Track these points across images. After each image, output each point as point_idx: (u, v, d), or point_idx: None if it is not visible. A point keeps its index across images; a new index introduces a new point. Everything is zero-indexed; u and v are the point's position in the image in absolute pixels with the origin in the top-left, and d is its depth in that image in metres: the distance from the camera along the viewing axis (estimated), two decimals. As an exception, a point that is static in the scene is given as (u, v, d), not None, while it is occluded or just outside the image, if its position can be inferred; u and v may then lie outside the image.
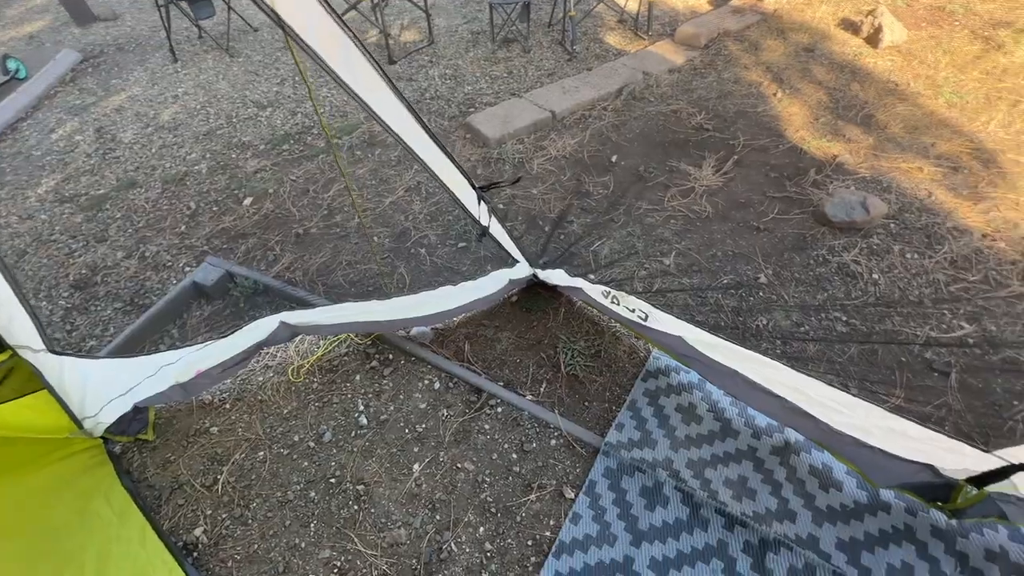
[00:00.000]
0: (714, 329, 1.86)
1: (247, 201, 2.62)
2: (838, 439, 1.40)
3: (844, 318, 1.86)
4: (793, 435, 1.55)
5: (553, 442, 1.63)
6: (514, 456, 1.60)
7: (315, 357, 1.88)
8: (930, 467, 1.31)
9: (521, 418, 1.69)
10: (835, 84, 3.06)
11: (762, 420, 1.59)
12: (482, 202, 1.53)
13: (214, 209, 2.59)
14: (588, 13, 4.17)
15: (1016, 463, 1.14)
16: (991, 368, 1.67)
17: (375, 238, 2.34)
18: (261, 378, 1.85)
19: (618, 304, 1.69)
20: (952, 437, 1.24)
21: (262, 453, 1.64)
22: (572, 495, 1.50)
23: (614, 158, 2.73)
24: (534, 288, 2.04)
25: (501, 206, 2.50)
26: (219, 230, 2.46)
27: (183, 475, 1.61)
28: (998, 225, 2.11)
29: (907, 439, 1.30)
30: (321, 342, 1.94)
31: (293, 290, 2.08)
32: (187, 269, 2.27)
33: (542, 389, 1.77)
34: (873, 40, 3.30)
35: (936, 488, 1.33)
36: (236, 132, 3.17)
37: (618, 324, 1.90)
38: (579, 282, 1.80)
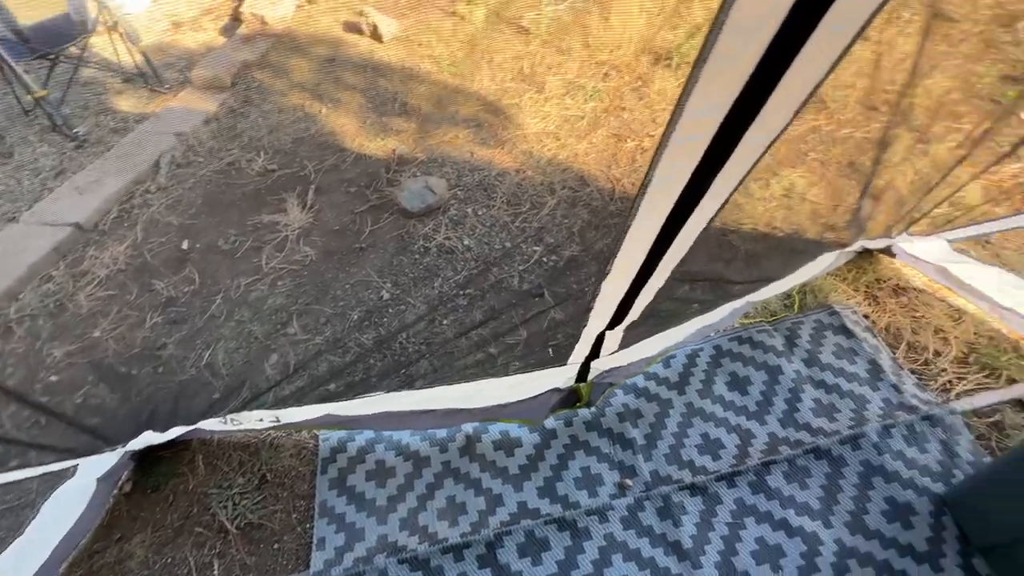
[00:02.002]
0: (367, 371, 1.78)
1: None
2: (493, 412, 1.52)
3: (465, 291, 2.04)
4: (468, 427, 1.62)
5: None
6: None
7: None
8: (555, 389, 1.54)
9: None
10: (365, 85, 3.27)
11: (441, 432, 1.62)
12: None
13: None
14: (72, 82, 3.34)
15: (584, 358, 1.42)
16: (563, 272, 2.10)
17: None
18: None
19: (241, 425, 1.42)
20: (549, 366, 1.47)
21: None
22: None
23: (185, 244, 2.30)
24: (153, 455, 1.57)
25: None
26: None
27: None
28: (522, 159, 2.63)
29: (531, 382, 1.49)
30: None
31: None
32: None
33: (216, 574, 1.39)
34: (376, 36, 3.63)
35: (568, 397, 1.60)
36: None
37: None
38: (198, 424, 1.45)
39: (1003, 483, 1.24)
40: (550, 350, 1.79)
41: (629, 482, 1.50)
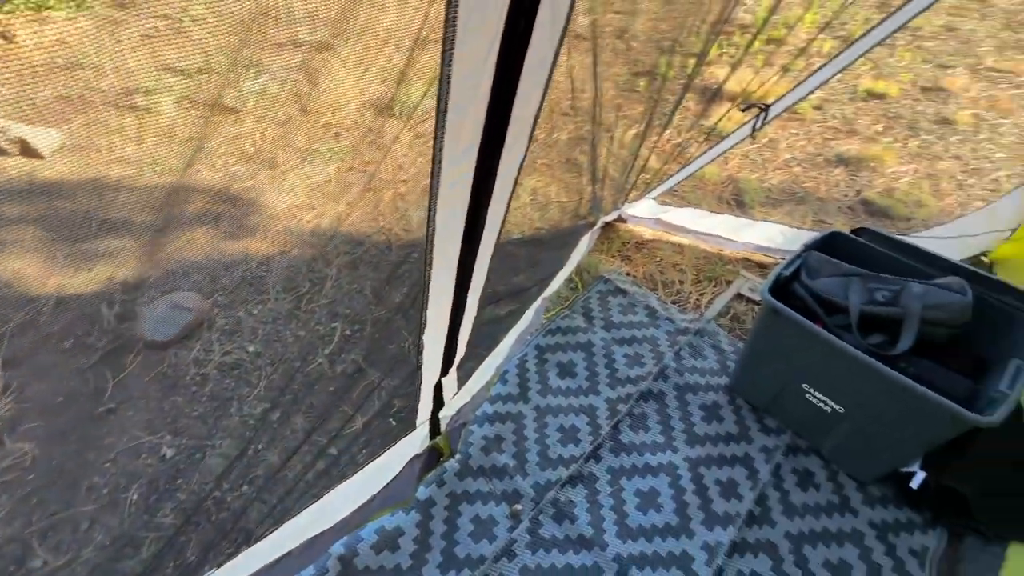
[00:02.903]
0: (179, 555, 1.40)
1: None
2: (359, 516, 1.35)
3: (274, 403, 1.77)
4: (337, 547, 1.40)
5: None
6: None
7: None
8: (414, 456, 1.45)
9: None
10: (38, 213, 2.55)
11: (308, 571, 1.36)
12: None
13: None
14: None
15: (431, 413, 1.38)
16: (373, 338, 2.00)
17: None
18: None
19: None
20: (400, 438, 1.38)
21: None
22: None
23: None
24: None
25: None
26: None
27: None
28: (282, 240, 2.42)
29: (387, 463, 1.37)
30: None
31: None
32: None
33: None
34: (31, 152, 2.88)
35: (430, 458, 1.52)
36: None
37: None
38: None
39: (751, 356, 1.65)
40: (392, 421, 1.68)
41: (518, 507, 1.50)
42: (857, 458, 1.53)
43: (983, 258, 2.17)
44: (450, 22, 0.45)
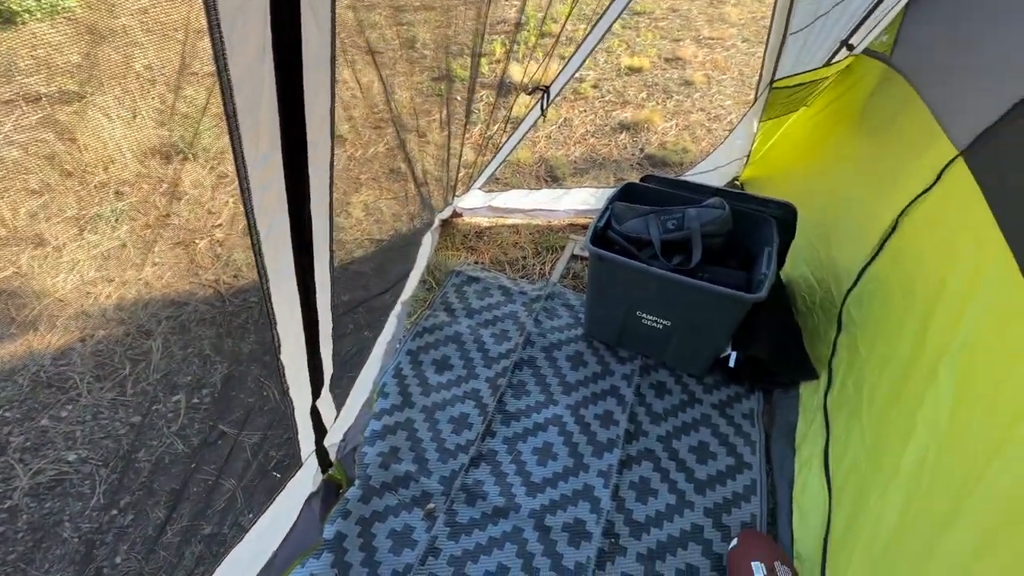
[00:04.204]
0: None
1: None
2: (263, 578, 1.24)
3: (118, 505, 1.50)
4: None
5: None
6: None
7: None
8: (310, 496, 1.37)
9: None
10: None
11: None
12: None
13: None
14: None
15: (315, 444, 1.32)
16: (225, 398, 1.81)
17: None
18: None
19: None
20: (287, 482, 1.29)
21: None
22: None
23: None
24: None
25: None
26: None
27: None
28: (78, 327, 2.03)
29: (281, 512, 1.28)
30: None
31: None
32: None
33: None
34: None
35: (328, 492, 1.46)
36: None
37: None
38: None
39: (593, 301, 1.89)
40: (276, 475, 1.56)
41: (431, 505, 1.52)
42: (690, 359, 1.86)
43: (736, 182, 2.76)
44: (214, 28, 0.47)
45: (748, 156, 2.67)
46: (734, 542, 1.41)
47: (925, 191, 1.57)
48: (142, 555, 1.41)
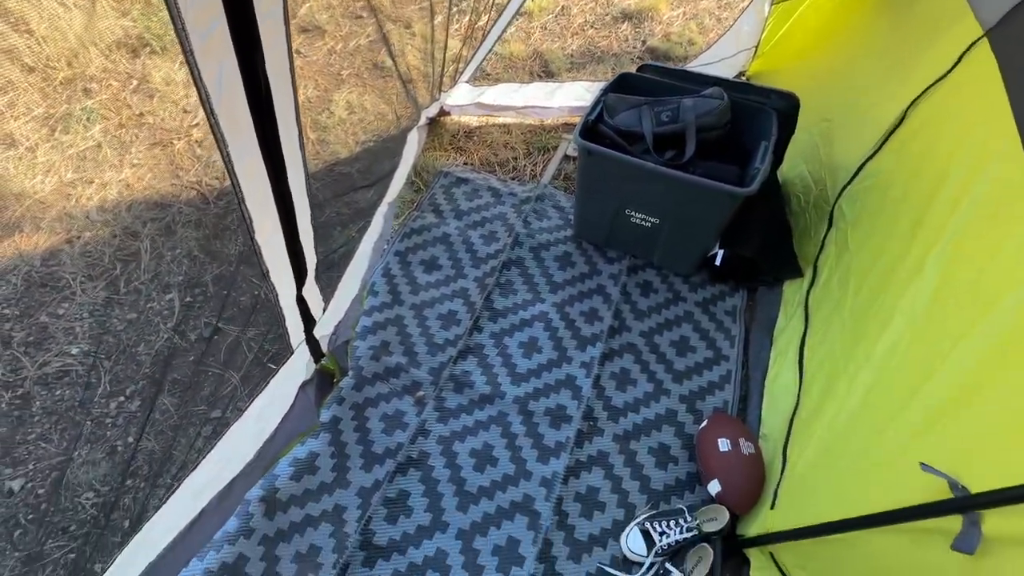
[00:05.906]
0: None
1: None
2: (265, 454, 1.34)
3: (125, 394, 1.59)
4: (254, 492, 1.39)
5: None
6: None
7: None
8: (304, 383, 1.44)
9: None
10: None
11: (232, 524, 1.34)
12: None
13: None
14: None
15: (305, 333, 1.36)
16: (219, 295, 1.84)
17: None
18: None
19: None
20: (280, 369, 1.35)
21: None
22: None
23: None
24: None
25: None
26: None
27: None
28: (64, 228, 2.02)
29: (278, 398, 1.35)
30: None
31: None
32: None
33: None
34: None
35: (322, 381, 1.53)
36: None
37: None
38: None
39: (581, 198, 1.85)
40: (272, 366, 1.62)
41: (421, 393, 1.60)
42: (677, 258, 1.86)
43: (743, 76, 2.59)
44: None
45: (757, 47, 2.48)
46: (704, 423, 1.50)
47: (940, 78, 1.47)
48: (157, 436, 1.51)
